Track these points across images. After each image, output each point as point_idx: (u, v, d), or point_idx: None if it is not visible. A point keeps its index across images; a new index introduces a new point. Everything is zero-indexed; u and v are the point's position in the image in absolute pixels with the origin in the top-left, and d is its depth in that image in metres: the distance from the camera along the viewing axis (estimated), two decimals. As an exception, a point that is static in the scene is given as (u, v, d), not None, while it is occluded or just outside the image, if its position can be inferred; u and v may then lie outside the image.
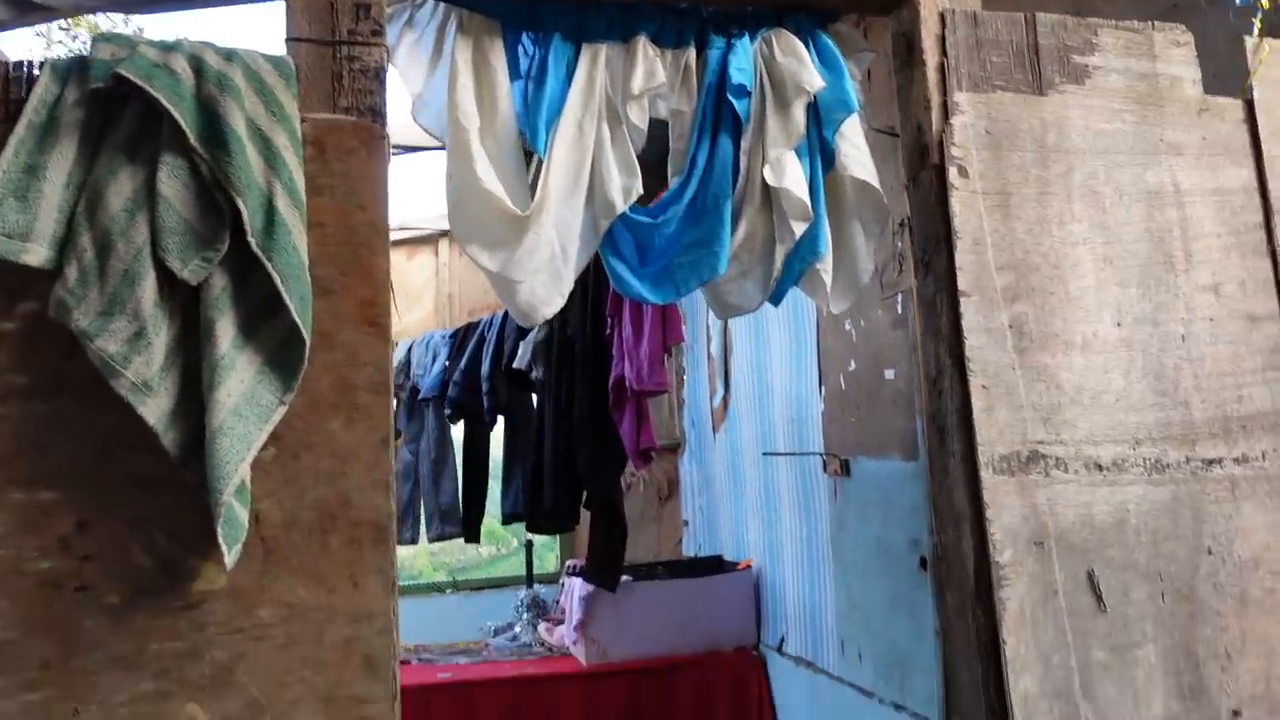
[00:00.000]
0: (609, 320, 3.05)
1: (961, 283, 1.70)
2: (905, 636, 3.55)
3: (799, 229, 1.91)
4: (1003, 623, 1.62)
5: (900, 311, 3.55)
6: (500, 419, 4.04)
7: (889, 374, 3.65)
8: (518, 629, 5.36)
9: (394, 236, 5.43)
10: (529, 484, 3.45)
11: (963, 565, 1.66)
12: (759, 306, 2.25)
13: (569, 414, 3.24)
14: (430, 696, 4.62)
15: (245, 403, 1.33)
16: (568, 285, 1.81)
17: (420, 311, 5.65)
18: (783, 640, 4.63)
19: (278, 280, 1.36)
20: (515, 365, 3.56)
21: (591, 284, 3.18)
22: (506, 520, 4.00)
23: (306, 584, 1.44)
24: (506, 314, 3.90)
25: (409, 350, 4.68)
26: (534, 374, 3.52)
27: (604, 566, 3.24)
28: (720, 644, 4.85)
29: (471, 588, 5.96)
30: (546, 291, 1.76)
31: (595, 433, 3.11)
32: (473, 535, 4.31)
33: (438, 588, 5.94)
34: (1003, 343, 1.72)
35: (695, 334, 5.76)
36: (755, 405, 4.91)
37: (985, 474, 1.65)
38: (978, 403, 1.67)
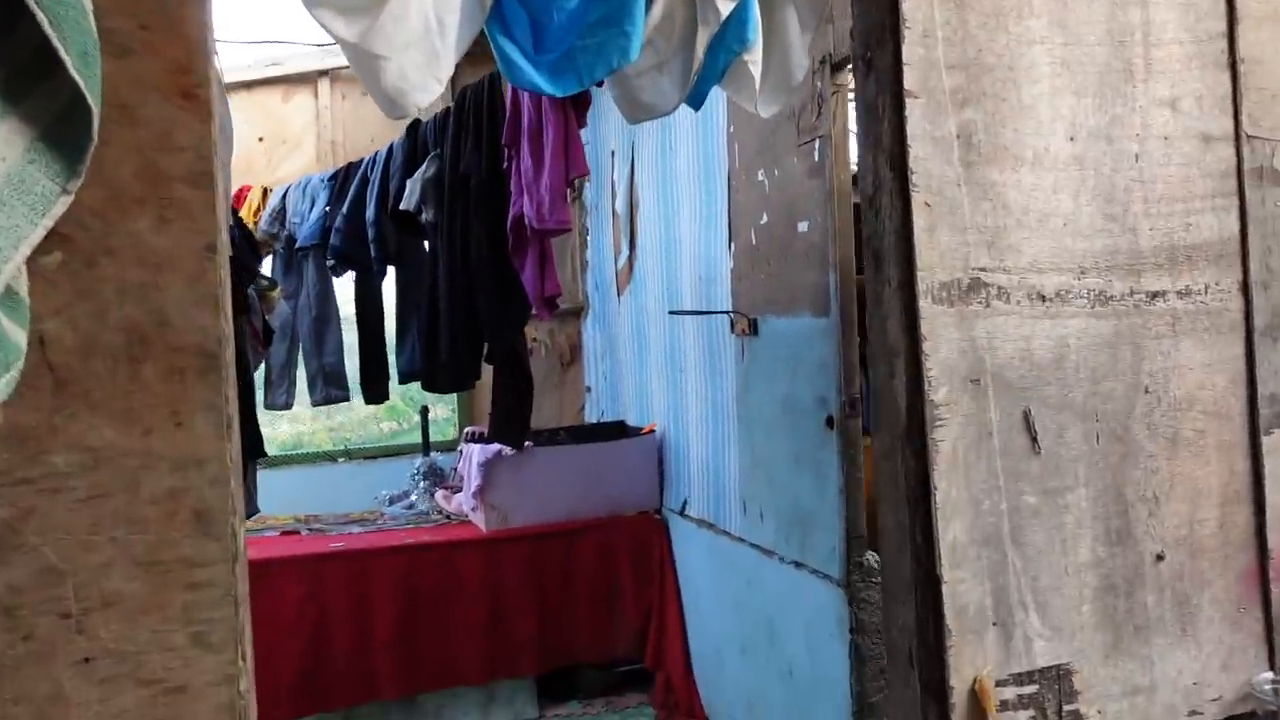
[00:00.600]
0: (506, 152, 2.71)
1: (908, 81, 1.45)
2: (808, 495, 3.45)
3: (725, 7, 1.61)
4: (934, 465, 1.44)
5: (817, 159, 3.31)
6: (391, 270, 3.67)
7: (802, 226, 3.44)
8: (414, 497, 5.15)
9: (266, 74, 4.88)
10: (424, 338, 3.14)
11: (894, 404, 1.47)
12: (675, 107, 1.96)
13: (465, 259, 2.91)
14: (321, 566, 4.39)
15: (9, 188, 1.00)
16: (446, 68, 1.48)
17: (301, 159, 5.15)
18: (685, 503, 4.53)
19: (45, 23, 1.00)
20: (403, 206, 3.20)
21: (486, 111, 2.81)
22: (403, 379, 3.70)
23: (114, 424, 1.14)
24: (391, 149, 3.51)
25: (284, 196, 4.23)
26: (424, 216, 3.15)
27: (509, 423, 3.01)
28: (622, 509, 4.73)
29: (365, 456, 5.68)
30: (419, 74, 1.44)
31: (495, 279, 2.80)
32: (374, 396, 4.00)
33: (329, 456, 5.65)
34: (949, 154, 1.49)
35: (599, 191, 5.43)
36: (662, 265, 4.66)
37: (924, 303, 1.44)
38: (919, 222, 1.45)
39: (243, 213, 4.52)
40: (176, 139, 1.18)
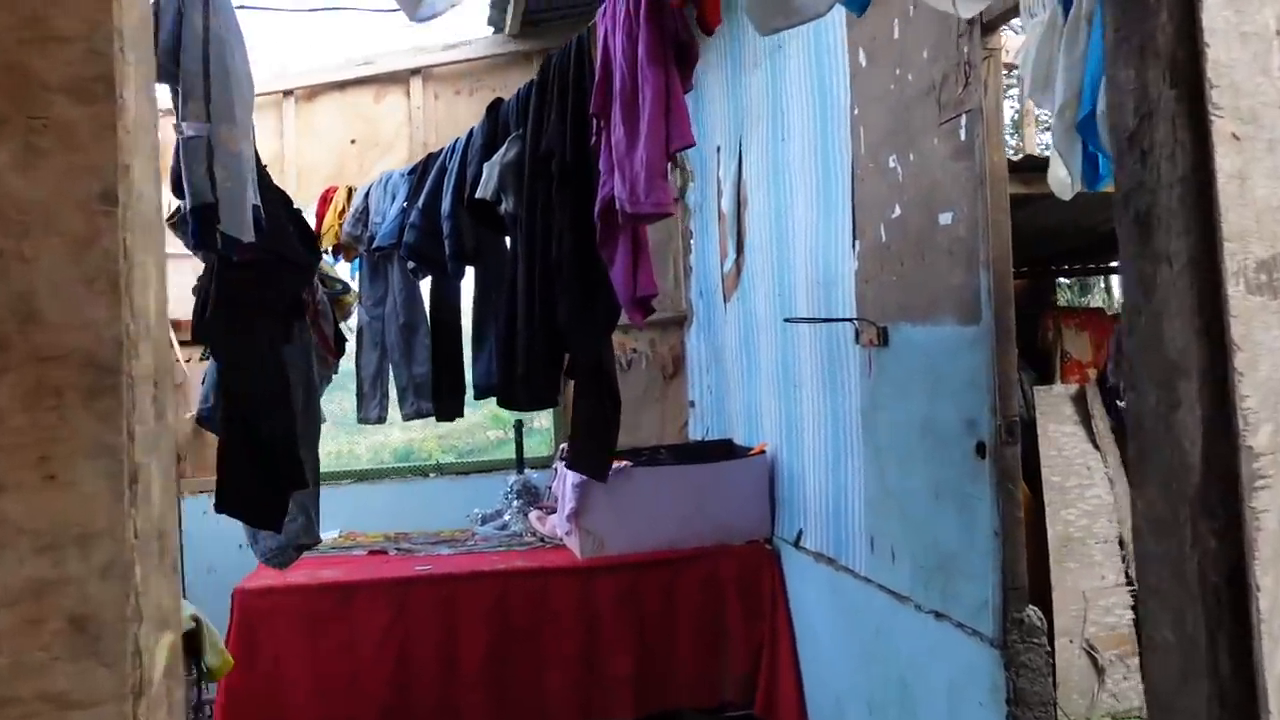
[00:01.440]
0: (594, 124, 2.24)
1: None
2: (952, 535, 2.85)
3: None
4: (1253, 551, 0.88)
5: (964, 138, 2.73)
6: (471, 271, 3.24)
7: (945, 218, 2.86)
8: (507, 517, 4.73)
9: (358, 73, 4.52)
10: (501, 348, 2.70)
11: (1179, 450, 0.91)
12: (830, 8, 1.46)
13: (546, 255, 2.46)
14: (407, 590, 4.01)
15: None
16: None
17: (393, 161, 4.82)
18: (800, 534, 3.96)
19: None
20: (478, 195, 2.75)
21: (573, 77, 2.34)
22: (479, 394, 3.27)
23: (-60, 478, 0.69)
24: (471, 134, 3.08)
25: (367, 194, 3.86)
26: (504, 206, 2.71)
27: (591, 450, 2.53)
28: (730, 537, 4.20)
29: (458, 471, 5.30)
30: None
31: (578, 277, 2.35)
32: (447, 412, 3.58)
33: (420, 471, 5.29)
34: (1266, 59, 0.94)
35: (704, 191, 4.92)
36: (774, 269, 4.12)
37: (1232, 291, 0.89)
38: (1223, 164, 0.89)
39: (328, 218, 4.18)
40: (55, 24, 0.72)
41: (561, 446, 4.94)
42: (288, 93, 5.09)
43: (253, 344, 2.01)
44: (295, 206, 2.60)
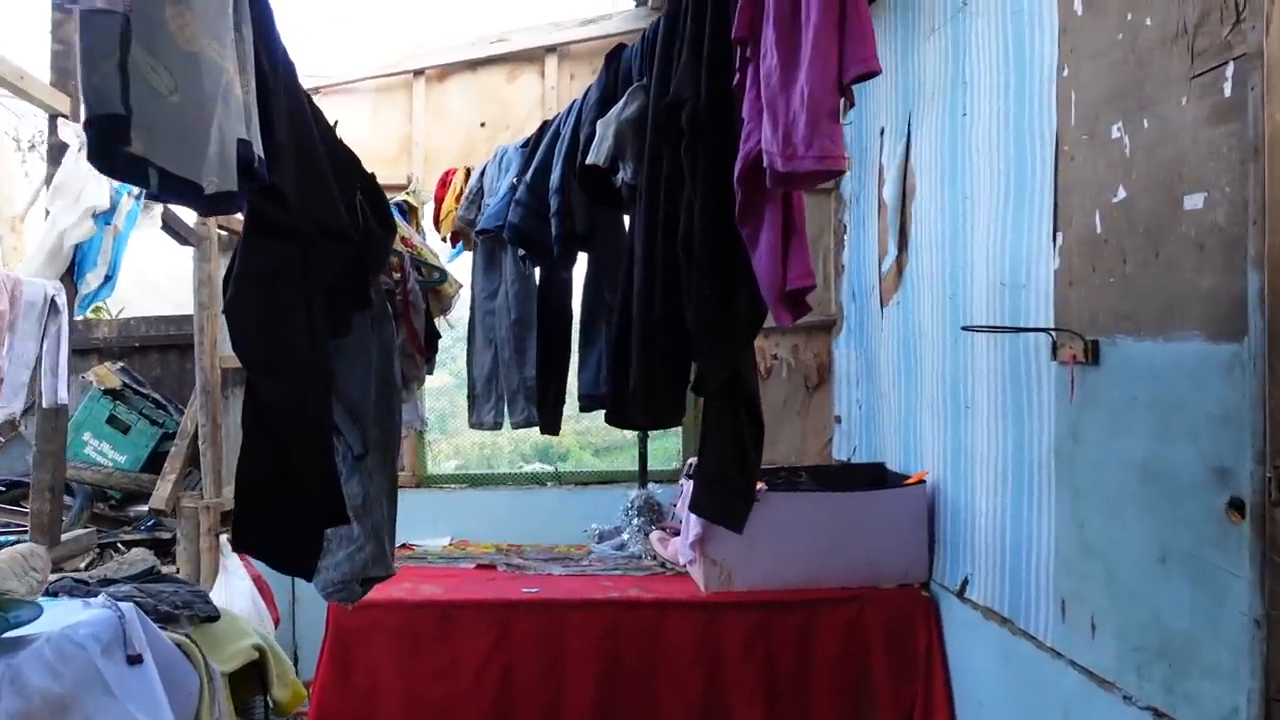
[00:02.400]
0: (738, 54, 1.64)
1: None
2: (1184, 612, 2.16)
3: None
4: None
5: (1230, 93, 2.04)
6: (585, 257, 2.70)
7: (1193, 202, 2.16)
8: (626, 536, 4.23)
9: (490, 51, 4.10)
10: (612, 352, 2.15)
11: None
12: None
13: (669, 235, 1.92)
14: (511, 615, 3.57)
15: None
16: None
17: (526, 146, 4.38)
18: (965, 582, 3.28)
19: None
20: (589, 160, 2.21)
21: (711, 4, 1.74)
22: (584, 405, 2.76)
23: None
24: (587, 92, 2.56)
25: (482, 173, 3.41)
26: (621, 175, 2.17)
27: (724, 492, 1.95)
28: (879, 578, 3.55)
29: (577, 482, 4.83)
30: None
31: (711, 263, 1.77)
32: (551, 424, 3.08)
33: (537, 480, 4.85)
34: None
35: (861, 179, 4.27)
36: (944, 268, 3.45)
37: None
38: None
39: (447, 201, 3.77)
40: None
41: (689, 461, 4.40)
42: (418, 72, 4.76)
43: (290, 339, 1.56)
44: (369, 173, 2.15)
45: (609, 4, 4.70)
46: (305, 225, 1.57)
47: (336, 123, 1.98)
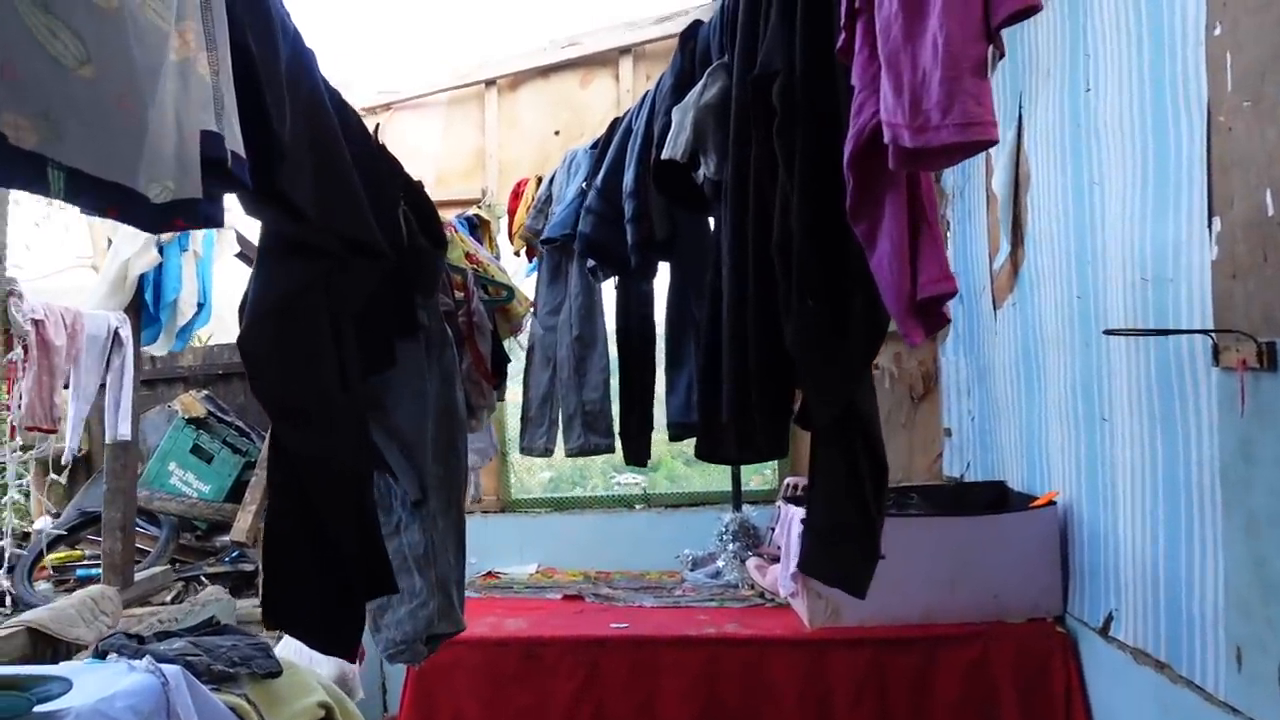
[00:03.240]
0: (843, 8, 1.29)
1: None
2: None
3: None
4: None
5: None
6: (666, 268, 2.38)
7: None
8: (721, 563, 3.90)
9: (563, 56, 3.84)
10: (702, 377, 1.83)
11: None
12: None
13: (763, 239, 1.57)
14: (600, 654, 3.28)
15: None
16: None
17: (596, 151, 4.11)
18: (1109, 618, 2.85)
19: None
20: (665, 154, 1.89)
21: None
22: (674, 434, 2.44)
23: None
24: (660, 80, 2.25)
25: (551, 180, 3.14)
26: (702, 170, 1.84)
27: (839, 543, 1.58)
28: (1005, 612, 3.14)
29: (667, 504, 4.53)
30: None
31: (815, 270, 1.43)
32: (633, 454, 2.76)
33: (625, 502, 4.56)
34: None
35: (965, 170, 3.86)
36: (1068, 263, 3.04)
37: None
38: None
39: (519, 214, 3.53)
40: None
41: (786, 482, 4.05)
42: (489, 83, 4.55)
43: (315, 378, 1.31)
44: (415, 180, 1.89)
45: (685, 1, 4.39)
46: (328, 241, 1.32)
47: (378, 127, 1.74)
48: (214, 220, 1.04)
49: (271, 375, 1.31)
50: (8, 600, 2.94)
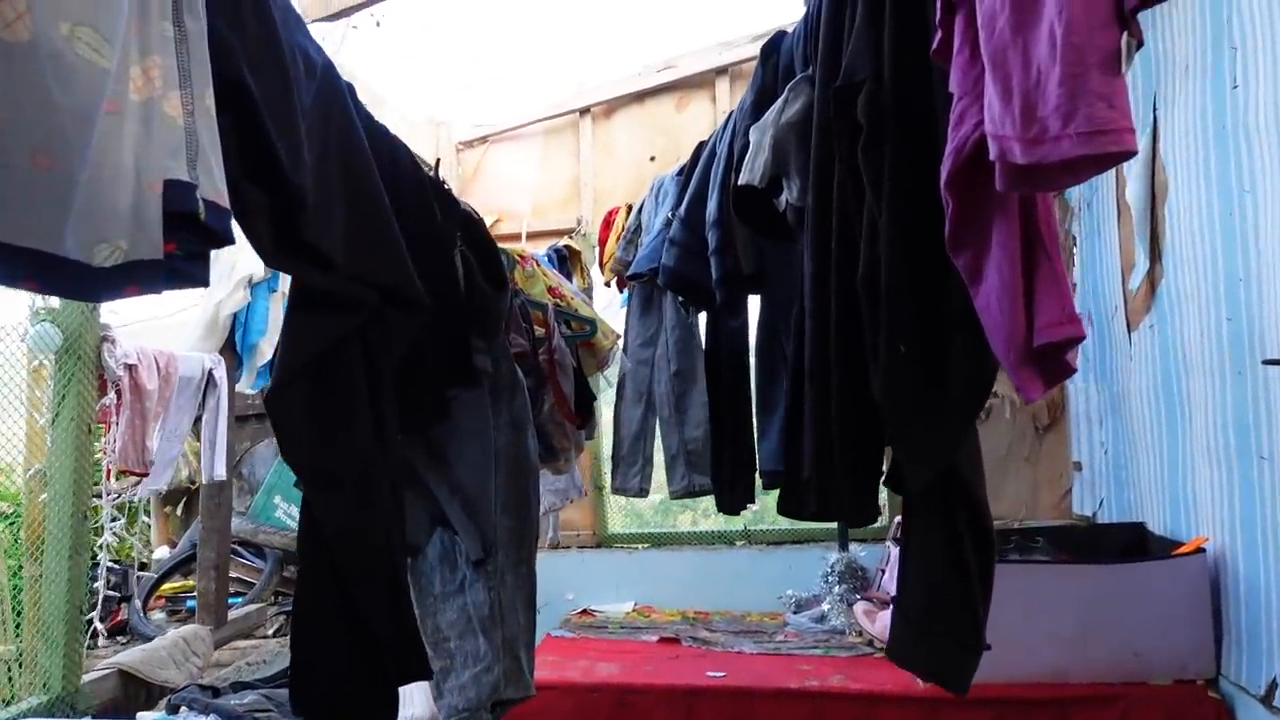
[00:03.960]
0: (938, 11, 1.07)
1: None
2: None
3: None
4: None
5: None
6: (757, 302, 2.19)
7: None
8: (826, 606, 3.66)
9: (658, 80, 3.73)
10: (787, 422, 1.64)
11: None
12: None
13: (847, 272, 1.36)
14: (695, 704, 3.08)
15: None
16: None
17: (690, 177, 3.96)
18: (1275, 685, 2.47)
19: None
20: (742, 180, 1.71)
21: None
22: (768, 483, 2.24)
23: None
24: (742, 100, 2.06)
25: (641, 209, 3.00)
26: (785, 195, 1.65)
27: (936, 631, 1.39)
28: (1149, 673, 2.79)
29: (769, 541, 4.30)
30: None
31: (908, 308, 1.22)
32: (729, 502, 2.56)
33: (726, 539, 4.35)
34: None
35: (1094, 179, 3.52)
36: (1216, 282, 2.70)
37: None
38: None
39: (609, 244, 3.41)
40: None
41: (897, 521, 3.77)
42: (584, 111, 4.47)
43: (349, 441, 1.19)
44: (477, 218, 1.77)
45: (781, 16, 4.21)
46: (361, 292, 1.20)
47: (439, 161, 1.63)
48: (195, 280, 0.92)
49: (303, 441, 1.20)
50: (99, 638, 2.98)
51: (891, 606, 1.52)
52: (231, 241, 0.94)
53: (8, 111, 0.69)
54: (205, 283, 0.95)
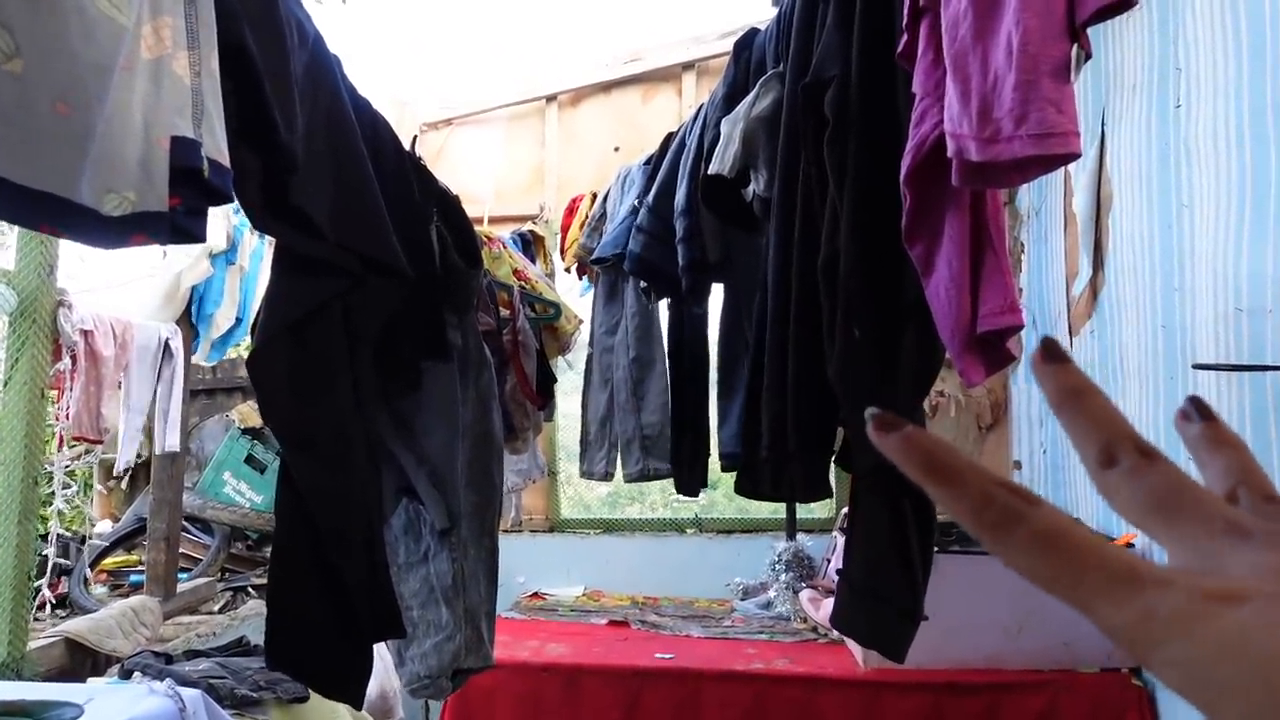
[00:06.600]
0: (905, 9, 1.14)
1: None
2: None
3: None
4: None
5: None
6: (721, 290, 2.24)
7: None
8: (772, 594, 3.74)
9: (624, 72, 3.77)
10: (746, 406, 1.70)
11: None
12: None
13: (807, 260, 1.44)
14: (642, 685, 3.14)
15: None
16: None
17: (654, 168, 4.01)
18: (1193, 674, 2.59)
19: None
20: (712, 169, 1.76)
21: None
22: (725, 465, 2.30)
23: None
24: (713, 93, 2.12)
25: (605, 197, 3.04)
26: (752, 187, 1.71)
27: (877, 600, 1.44)
28: (1076, 660, 2.93)
29: (719, 530, 4.37)
30: None
31: (863, 295, 1.29)
32: (686, 484, 2.63)
33: (676, 526, 4.42)
34: None
35: (1042, 189, 3.66)
36: (1153, 291, 2.83)
37: None
38: None
39: (572, 230, 3.44)
40: None
41: (844, 512, 3.87)
42: (550, 98, 4.49)
43: (329, 405, 1.21)
44: (452, 196, 1.79)
45: (752, 14, 4.27)
46: (345, 260, 1.23)
47: (415, 138, 1.65)
48: (193, 236, 0.95)
49: (283, 402, 1.22)
50: (48, 608, 2.94)
51: (837, 577, 1.59)
52: (231, 199, 0.96)
53: (34, 59, 0.71)
54: (203, 238, 0.97)
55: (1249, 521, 0.29)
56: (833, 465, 1.61)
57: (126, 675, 2.06)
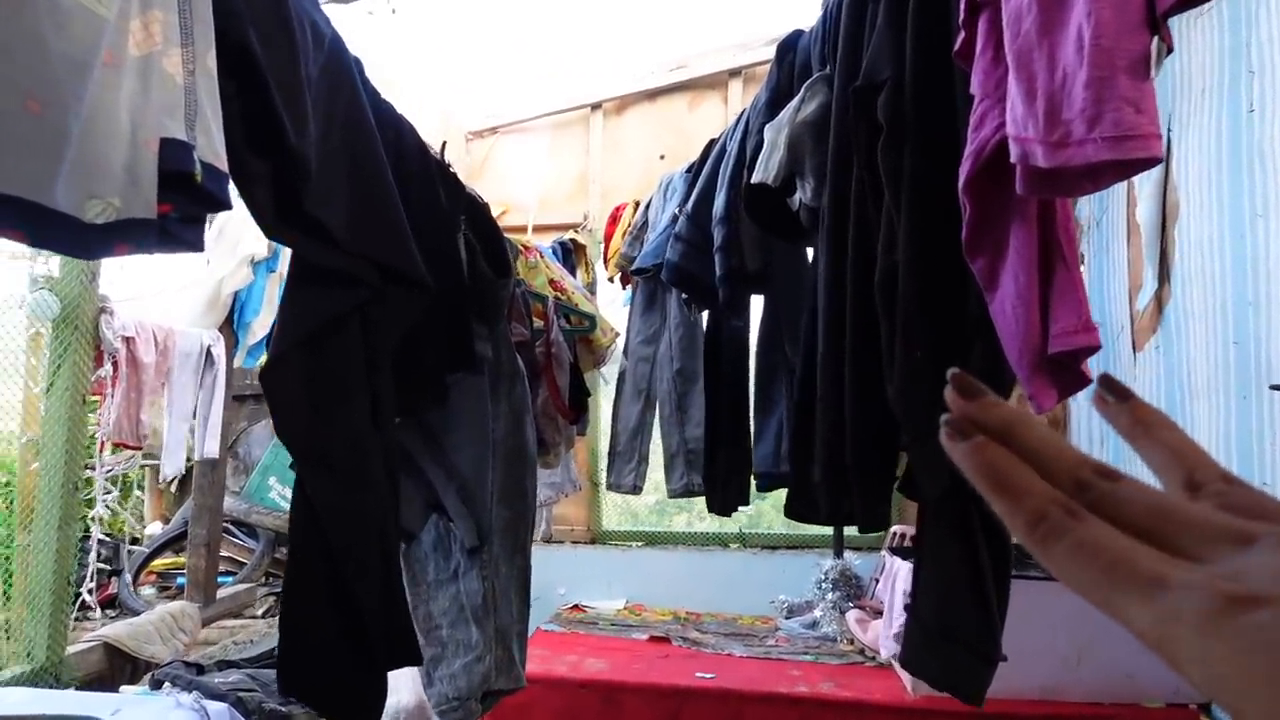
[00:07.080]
0: (960, 8, 1.04)
1: None
2: None
3: None
4: None
5: None
6: (760, 302, 2.15)
7: None
8: (818, 613, 3.63)
9: (671, 79, 3.71)
10: (795, 425, 1.59)
11: None
12: None
13: (863, 274, 1.34)
14: (683, 704, 3.06)
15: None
16: None
17: (698, 176, 3.94)
18: (1266, 712, 2.43)
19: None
20: (755, 178, 1.68)
21: None
22: (761, 484, 2.20)
23: None
24: (756, 99, 2.04)
25: (648, 205, 2.97)
26: (798, 194, 1.63)
27: (949, 640, 1.31)
28: (1141, 694, 2.77)
29: (765, 545, 4.27)
30: None
31: (923, 314, 1.20)
32: (719, 503, 2.52)
33: (720, 540, 4.32)
34: None
35: (1104, 196, 3.50)
36: (1224, 305, 2.67)
37: None
38: None
39: (615, 239, 3.38)
40: None
41: (893, 531, 3.75)
42: (595, 106, 4.45)
43: (346, 420, 1.16)
44: (482, 203, 1.74)
45: (799, 18, 4.18)
46: (362, 269, 1.18)
47: (444, 144, 1.60)
48: (189, 245, 0.89)
49: (297, 417, 1.17)
50: (98, 609, 2.95)
51: (905, 612, 1.49)
52: (228, 206, 0.91)
53: (6, 52, 0.66)
54: (200, 248, 0.92)
55: (1251, 528, 0.30)
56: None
57: (157, 685, 2.04)
